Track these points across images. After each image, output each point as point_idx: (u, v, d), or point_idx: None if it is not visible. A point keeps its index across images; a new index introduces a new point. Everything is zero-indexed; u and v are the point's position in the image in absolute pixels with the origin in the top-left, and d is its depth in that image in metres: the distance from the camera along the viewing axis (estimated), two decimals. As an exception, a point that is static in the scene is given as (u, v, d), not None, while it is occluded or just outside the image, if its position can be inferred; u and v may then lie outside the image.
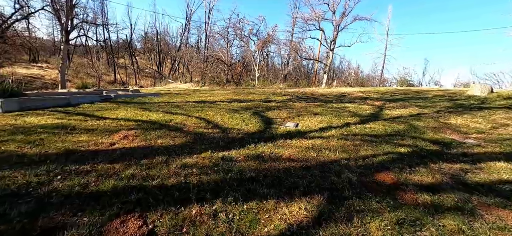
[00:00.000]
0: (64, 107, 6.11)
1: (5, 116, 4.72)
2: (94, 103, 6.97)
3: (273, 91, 13.24)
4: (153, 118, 4.79)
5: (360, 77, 33.80)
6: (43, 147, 2.92)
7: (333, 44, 23.14)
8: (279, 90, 14.76)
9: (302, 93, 12.02)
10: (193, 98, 9.13)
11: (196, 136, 3.71)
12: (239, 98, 9.21)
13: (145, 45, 49.31)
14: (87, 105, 6.52)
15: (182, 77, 39.45)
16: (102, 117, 4.86)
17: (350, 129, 4.59)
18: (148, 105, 6.89)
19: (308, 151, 3.23)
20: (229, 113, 5.71)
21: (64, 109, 5.72)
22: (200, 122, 4.64)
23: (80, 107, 6.17)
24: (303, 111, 6.50)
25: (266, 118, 5.34)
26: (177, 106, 6.61)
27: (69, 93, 9.43)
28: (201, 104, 7.17)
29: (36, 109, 5.62)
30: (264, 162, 2.77)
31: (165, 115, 5.12)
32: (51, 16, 34.90)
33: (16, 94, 7.24)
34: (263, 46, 27.62)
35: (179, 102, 7.84)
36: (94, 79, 33.64)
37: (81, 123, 4.22)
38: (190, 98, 9.13)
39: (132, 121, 4.52)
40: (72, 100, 6.70)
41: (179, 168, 2.52)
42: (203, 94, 11.15)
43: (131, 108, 6.06)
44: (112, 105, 6.76)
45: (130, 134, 3.59)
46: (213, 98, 9.32)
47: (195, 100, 8.32)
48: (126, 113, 5.26)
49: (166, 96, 9.99)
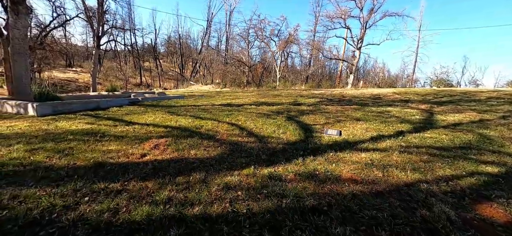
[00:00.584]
0: (94, 110, 6.08)
1: (40, 120, 4.70)
2: (123, 107, 6.92)
3: (298, 93, 12.59)
4: (182, 124, 4.48)
5: (387, 77, 31.69)
6: (72, 158, 2.67)
7: (360, 43, 21.87)
8: (304, 92, 14.06)
9: (331, 95, 11.24)
10: (219, 101, 8.84)
11: (231, 146, 3.28)
12: (266, 101, 8.74)
13: (168, 49, 51.11)
14: (116, 109, 6.46)
15: (203, 79, 40.09)
16: (131, 122, 4.66)
17: (407, 139, 3.88)
18: (175, 108, 6.68)
19: (370, 169, 2.64)
20: (261, 118, 5.25)
21: (94, 113, 5.66)
22: (232, 129, 4.23)
23: (110, 111, 6.10)
24: (341, 115, 5.84)
25: (303, 124, 4.79)
26: (204, 110, 6.30)
27: (99, 96, 9.68)
28: (229, 108, 6.81)
29: (68, 112, 5.63)
30: (322, 184, 2.25)
31: (194, 121, 4.79)
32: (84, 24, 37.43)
33: (52, 97, 7.46)
34: (285, 46, 26.97)
35: (205, 105, 7.56)
36: (122, 82, 35.40)
37: (111, 129, 4.02)
38: (215, 101, 8.85)
39: (162, 127, 4.23)
40: (101, 104, 6.70)
41: (221, 189, 2.08)
42: (227, 97, 10.86)
43: (159, 112, 5.86)
44: (140, 108, 6.65)
45: (161, 143, 3.26)
46: (239, 101, 8.95)
47: (221, 103, 8.00)
48: (154, 118, 5.03)
49: (191, 99, 9.84)
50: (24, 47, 6.58)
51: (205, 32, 43.60)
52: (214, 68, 42.91)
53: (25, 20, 6.56)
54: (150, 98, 8.51)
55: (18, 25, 6.39)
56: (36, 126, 4.14)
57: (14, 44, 6.39)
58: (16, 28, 6.37)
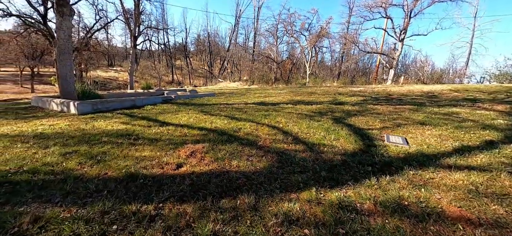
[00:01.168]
0: (129, 109, 6.06)
1: (79, 118, 4.72)
2: (156, 105, 6.85)
3: (335, 91, 11.56)
4: (218, 126, 4.07)
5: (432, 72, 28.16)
6: (103, 166, 2.39)
7: (403, 34, 19.66)
8: (340, 88, 12.92)
9: (374, 93, 10.04)
10: (251, 99, 8.39)
11: (278, 156, 2.74)
12: (302, 99, 8.04)
13: (198, 47, 52.69)
14: (150, 107, 6.39)
15: (231, 76, 40.42)
16: (165, 122, 4.41)
17: (506, 152, 2.93)
18: (208, 107, 6.38)
19: (479, 199, 1.87)
20: (303, 120, 4.62)
21: (130, 112, 5.60)
22: (274, 133, 3.69)
23: (144, 109, 6.02)
24: (398, 118, 4.91)
25: (356, 129, 4.04)
26: (238, 109, 5.87)
27: (135, 94, 9.97)
28: (264, 107, 6.29)
29: (106, 111, 5.66)
30: (421, 223, 1.58)
31: (230, 122, 4.36)
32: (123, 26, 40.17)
33: (93, 96, 7.74)
34: (316, 41, 25.59)
35: (238, 103, 7.16)
36: (156, 80, 37.38)
37: (145, 131, 3.77)
38: (247, 99, 8.42)
39: (196, 129, 3.87)
40: (137, 102, 6.71)
41: (281, 224, 1.55)
42: (258, 94, 10.39)
43: (192, 111, 5.59)
44: (173, 107, 6.49)
45: (197, 150, 2.86)
46: (272, 99, 8.39)
47: (254, 102, 7.53)
48: (188, 118, 4.73)
49: (222, 97, 9.57)
50: (68, 47, 6.85)
51: (233, 29, 43.80)
52: (242, 65, 42.97)
53: (69, 21, 6.82)
54: (183, 96, 8.42)
55: (63, 26, 6.65)
56: (75, 126, 4.10)
57: (60, 45, 6.68)
58: (61, 29, 6.64)
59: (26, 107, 6.84)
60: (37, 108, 6.47)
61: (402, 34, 19.53)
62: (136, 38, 16.58)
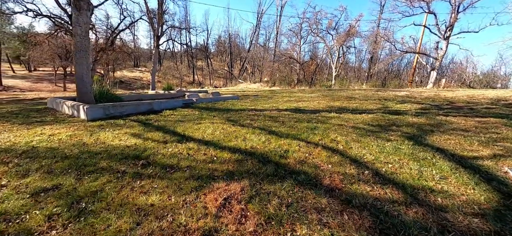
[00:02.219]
0: (146, 114, 5.26)
1: (87, 126, 3.96)
2: (176, 109, 6.01)
3: (376, 95, 10.01)
4: (255, 145, 3.02)
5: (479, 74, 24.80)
6: (86, 224, 1.44)
7: (449, 31, 17.27)
8: (380, 92, 11.29)
9: (426, 98, 8.38)
10: (281, 104, 7.27)
11: (372, 217, 1.59)
12: (343, 106, 6.74)
13: (218, 48, 52.81)
14: (169, 112, 5.55)
15: (251, 77, 39.63)
16: (184, 136, 3.46)
17: None
18: (235, 114, 5.39)
19: None
20: (365, 137, 3.41)
21: (146, 118, 4.78)
22: (337, 160, 2.54)
23: (162, 115, 5.19)
24: (498, 137, 3.49)
25: (455, 157, 2.74)
26: (273, 119, 4.78)
27: (155, 95, 9.34)
28: (303, 116, 5.14)
29: (119, 116, 4.90)
30: None
31: (269, 139, 3.29)
32: (148, 29, 41.21)
33: (111, 97, 7.14)
34: (345, 40, 23.73)
35: (268, 110, 6.08)
36: (178, 80, 37.79)
37: (158, 149, 2.83)
38: (277, 104, 7.31)
39: (227, 150, 2.84)
40: (155, 106, 5.92)
41: None
42: (287, 97, 9.24)
43: (217, 120, 4.61)
44: (194, 112, 5.59)
45: (233, 194, 1.81)
46: (306, 104, 7.20)
47: (288, 108, 6.40)
48: (213, 130, 3.74)
49: (247, 100, 8.56)
50: (86, 44, 6.28)
51: (254, 29, 43.04)
52: (263, 66, 42.01)
53: (86, 16, 6.24)
54: (204, 99, 7.56)
55: (80, 21, 6.08)
56: (76, 137, 3.30)
57: (76, 42, 6.12)
58: (78, 24, 6.08)
59: (42, 108, 6.38)
60: (51, 110, 5.94)
61: (447, 31, 17.14)
62: (159, 38, 16.29)
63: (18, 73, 34.36)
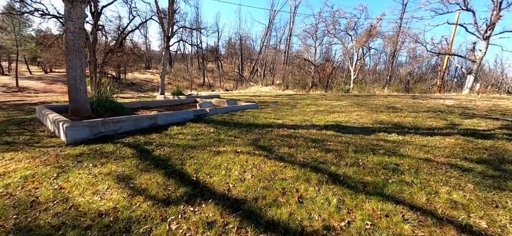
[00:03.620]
0: (147, 133, 4.07)
1: (60, 156, 2.79)
2: (186, 125, 4.80)
3: (425, 105, 8.43)
4: (322, 214, 1.71)
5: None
6: None
7: (489, 30, 15.30)
8: (422, 100, 9.65)
9: (492, 110, 6.76)
10: (313, 116, 5.92)
11: None
12: (395, 121, 5.30)
13: (229, 50, 51.96)
14: (176, 130, 4.34)
15: (263, 80, 38.37)
16: (197, 184, 2.21)
17: None
18: (261, 133, 4.10)
19: None
20: (498, 193, 2.02)
21: (145, 140, 3.59)
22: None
23: (167, 135, 3.97)
24: None
25: None
26: (318, 145, 3.44)
27: (163, 102, 8.21)
28: (355, 139, 3.78)
29: (112, 136, 3.73)
30: None
31: (340, 198, 1.97)
32: (160, 31, 40.86)
33: (111, 106, 6.06)
34: (366, 41, 22.00)
35: (302, 126, 4.76)
36: (188, 82, 37.13)
37: (153, 223, 1.59)
38: (306, 115, 5.97)
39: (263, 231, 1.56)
40: (159, 119, 4.74)
41: None
42: (313, 106, 7.88)
43: (242, 146, 3.34)
44: (208, 130, 4.35)
45: None
46: (347, 118, 5.81)
47: (327, 124, 5.04)
48: (241, 172, 2.46)
49: (268, 110, 7.26)
50: (79, 43, 5.22)
51: (267, 31, 41.81)
52: (274, 68, 40.64)
53: (80, 9, 5.19)
54: (220, 110, 6.33)
55: (72, 15, 5.03)
56: (33, 182, 2.12)
57: (68, 40, 5.06)
58: (70, 19, 5.03)
59: (29, 119, 5.36)
60: (35, 123, 4.89)
61: (488, 30, 15.17)
62: (169, 39, 15.34)
63: (35, 74, 34.79)
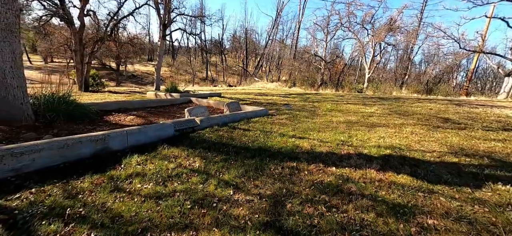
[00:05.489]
0: (75, 174, 2.34)
1: None
2: (157, 150, 3.06)
3: (477, 114, 6.53)
4: None
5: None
6: None
7: (536, 25, 13.09)
8: (474, 109, 7.74)
9: None
10: (346, 132, 4.14)
11: None
12: (479, 150, 3.49)
13: (233, 44, 49.96)
14: (133, 167, 2.60)
15: (268, 75, 36.38)
16: None
17: None
18: (280, 176, 2.36)
19: None
20: None
21: (64, 200, 1.88)
22: None
23: (110, 182, 2.25)
24: None
25: None
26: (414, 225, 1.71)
27: (146, 102, 6.37)
28: (453, 193, 2.01)
29: (15, 180, 2.05)
30: None
31: None
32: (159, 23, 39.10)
33: (74, 112, 4.36)
34: (385, 35, 19.88)
35: (340, 154, 3.00)
36: (190, 76, 35.47)
37: None
38: (340, 132, 4.19)
39: None
40: (113, 141, 2.98)
41: None
42: (338, 113, 6.09)
43: (248, 218, 1.62)
44: (191, 164, 2.61)
45: None
46: (405, 141, 4.01)
47: (379, 153, 3.28)
48: None
49: (281, 117, 5.49)
50: (7, 17, 3.51)
51: (274, 24, 39.60)
52: (281, 64, 38.60)
53: (9, -33, 3.46)
54: (216, 120, 4.54)
55: (-7, -25, 3.31)
56: None
57: (-11, 13, 3.36)
58: (-9, -19, 3.31)
59: None
60: None
61: (534, 25, 13.00)
62: (166, 27, 13.58)
63: (35, 64, 33.47)
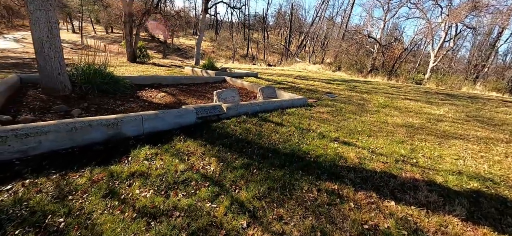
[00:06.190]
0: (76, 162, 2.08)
1: None
2: (172, 141, 2.68)
3: None
4: None
5: None
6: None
7: None
8: None
9: None
10: (406, 141, 3.17)
11: None
12: None
13: (278, 20, 47.58)
14: (139, 163, 2.25)
15: (311, 56, 33.89)
16: None
17: None
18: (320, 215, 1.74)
19: None
20: None
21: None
22: None
23: (110, 179, 1.93)
24: None
25: None
26: None
27: (180, 78, 6.17)
28: None
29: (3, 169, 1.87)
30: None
31: None
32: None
33: (108, 85, 4.34)
34: (466, 15, 15.93)
35: (403, 179, 2.18)
36: (231, 52, 35.47)
37: None
38: (399, 142, 3.24)
39: None
40: (126, 127, 2.70)
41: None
42: (392, 108, 4.93)
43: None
44: (205, 167, 2.16)
45: None
46: (487, 157, 2.89)
47: (468, 188, 2.34)
48: None
49: (323, 112, 4.65)
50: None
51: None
52: (327, 45, 35.43)
53: None
54: (244, 108, 3.93)
55: None
56: None
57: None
58: None
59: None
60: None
61: None
62: (208, 0, 13.20)
63: (98, 34, 37.59)
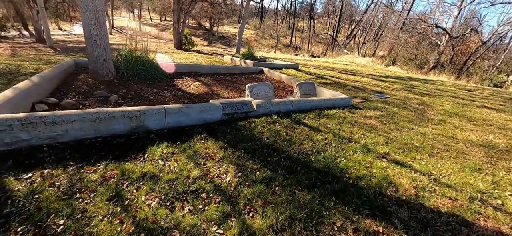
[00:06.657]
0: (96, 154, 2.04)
1: None
2: (193, 139, 2.52)
3: None
4: None
5: None
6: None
7: None
8: None
9: None
10: (483, 166, 2.38)
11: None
12: None
13: (326, 7, 44.31)
14: (154, 163, 2.12)
15: (360, 48, 30.62)
16: None
17: None
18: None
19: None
20: None
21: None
22: None
23: (119, 180, 1.84)
24: None
25: None
26: None
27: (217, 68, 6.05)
28: None
29: (35, 155, 1.94)
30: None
31: None
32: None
33: (147, 72, 4.53)
34: None
35: (455, 210, 1.57)
36: (274, 41, 34.73)
37: None
38: (472, 175, 2.47)
39: None
40: (149, 119, 2.62)
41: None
42: (466, 120, 3.89)
43: None
44: (221, 175, 1.92)
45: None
46: None
47: None
48: None
49: (370, 117, 3.94)
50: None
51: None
52: (381, 35, 31.53)
53: None
54: (276, 107, 3.52)
55: None
56: None
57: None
58: None
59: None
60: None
61: None
62: (253, -13, 12.81)
63: (154, 22, 41.18)
